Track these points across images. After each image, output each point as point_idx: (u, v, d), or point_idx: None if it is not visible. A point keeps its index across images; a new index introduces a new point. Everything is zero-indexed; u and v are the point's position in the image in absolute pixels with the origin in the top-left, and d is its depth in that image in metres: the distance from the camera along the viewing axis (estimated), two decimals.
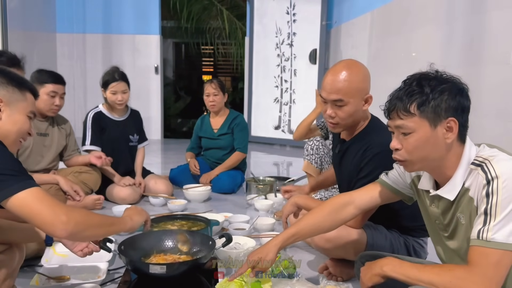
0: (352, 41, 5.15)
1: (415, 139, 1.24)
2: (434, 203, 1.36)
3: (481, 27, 2.84)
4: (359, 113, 1.85)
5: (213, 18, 7.85)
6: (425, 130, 1.23)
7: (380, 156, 1.75)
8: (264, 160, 5.35)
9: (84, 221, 1.33)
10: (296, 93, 6.01)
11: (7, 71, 1.47)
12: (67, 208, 1.30)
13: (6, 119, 1.41)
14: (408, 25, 3.79)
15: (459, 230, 1.30)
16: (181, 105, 9.36)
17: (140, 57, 6.62)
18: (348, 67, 1.81)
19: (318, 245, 1.92)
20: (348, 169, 1.89)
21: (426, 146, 1.24)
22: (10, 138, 1.42)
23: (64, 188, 2.58)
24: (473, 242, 1.17)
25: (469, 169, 1.24)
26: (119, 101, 3.20)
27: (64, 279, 1.84)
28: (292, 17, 5.92)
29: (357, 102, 1.80)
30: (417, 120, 1.23)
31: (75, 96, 6.52)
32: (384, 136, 1.74)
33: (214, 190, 3.48)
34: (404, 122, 1.24)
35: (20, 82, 1.46)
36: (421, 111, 1.22)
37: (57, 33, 6.49)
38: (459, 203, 1.27)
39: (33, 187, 1.27)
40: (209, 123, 3.76)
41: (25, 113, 1.46)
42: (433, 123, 1.22)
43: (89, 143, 3.20)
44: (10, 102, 1.42)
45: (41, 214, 1.24)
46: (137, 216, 1.65)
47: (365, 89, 1.82)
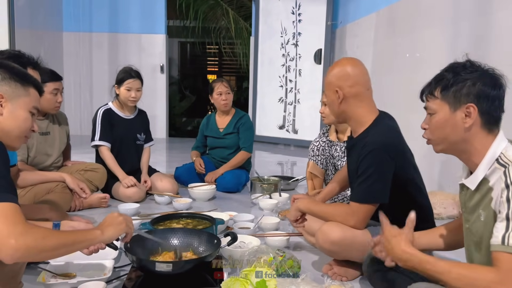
0: (357, 41, 5.15)
1: (436, 120, 1.36)
2: (463, 192, 1.41)
3: (487, 28, 2.83)
4: (334, 105, 1.92)
5: (219, 17, 7.86)
6: (445, 112, 1.33)
7: (373, 154, 1.77)
8: (269, 160, 5.36)
9: (37, 245, 1.22)
10: (300, 93, 6.02)
11: (10, 66, 1.46)
12: (23, 230, 1.20)
13: (7, 115, 1.40)
14: (414, 25, 3.78)
15: (477, 225, 1.32)
16: (186, 104, 9.38)
17: (146, 56, 6.64)
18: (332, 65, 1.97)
19: (323, 247, 1.92)
20: (354, 164, 1.90)
21: (445, 127, 1.34)
22: (13, 134, 1.42)
23: (71, 185, 2.59)
24: (499, 248, 1.18)
25: (494, 166, 1.27)
26: (132, 98, 3.26)
27: (70, 276, 1.85)
28: (297, 17, 5.92)
29: (329, 95, 1.92)
30: (439, 103, 1.34)
31: (81, 95, 6.56)
32: (382, 134, 1.81)
33: (219, 189, 3.49)
34: (429, 104, 1.38)
35: (23, 78, 1.45)
36: (443, 95, 1.33)
37: (64, 31, 6.54)
38: (483, 200, 1.29)
39: (7, 202, 1.22)
40: (215, 122, 3.78)
41: (28, 108, 1.44)
42: (453, 107, 1.32)
43: (98, 138, 3.23)
44: (12, 97, 1.41)
45: None
46: (111, 229, 1.50)
47: (335, 83, 1.88)
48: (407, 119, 2.65)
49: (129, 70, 3.28)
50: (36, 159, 2.83)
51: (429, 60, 3.45)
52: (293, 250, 2.28)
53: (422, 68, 3.53)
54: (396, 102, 3.88)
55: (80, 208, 2.96)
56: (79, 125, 6.28)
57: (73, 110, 6.37)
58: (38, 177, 2.55)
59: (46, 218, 2.17)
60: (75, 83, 6.53)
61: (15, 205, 1.24)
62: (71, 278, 1.84)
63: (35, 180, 2.54)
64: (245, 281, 1.60)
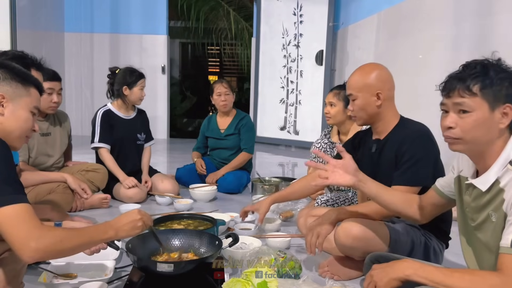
0: (359, 43, 5.15)
1: (473, 119, 1.27)
2: (468, 191, 1.39)
3: (489, 30, 2.83)
4: (371, 107, 1.96)
5: (220, 18, 7.87)
6: (484, 111, 1.27)
7: (420, 139, 1.87)
8: (270, 161, 5.35)
9: (56, 248, 1.27)
10: (302, 94, 6.02)
11: (11, 66, 1.46)
12: (41, 233, 1.25)
13: (9, 115, 1.40)
14: (416, 26, 3.78)
15: (488, 226, 1.31)
16: (187, 105, 9.39)
17: (147, 57, 6.65)
18: (362, 68, 2.02)
19: (344, 245, 1.87)
20: (389, 160, 1.94)
21: (482, 127, 1.28)
22: (14, 134, 1.41)
23: (72, 186, 2.60)
24: (506, 250, 1.18)
25: (506, 167, 1.26)
26: (143, 96, 3.34)
27: (71, 276, 1.85)
28: (299, 18, 5.92)
29: (365, 97, 1.94)
30: (478, 101, 1.26)
31: (83, 95, 6.57)
32: (419, 125, 1.94)
33: (220, 190, 3.49)
34: (465, 100, 1.27)
35: (24, 77, 1.45)
36: (483, 93, 1.26)
37: (65, 32, 6.54)
38: (493, 200, 1.28)
39: (23, 203, 1.25)
40: (216, 123, 3.78)
41: (29, 108, 1.44)
42: (492, 106, 1.26)
43: (98, 140, 3.23)
44: (13, 97, 1.40)
45: (13, 235, 1.22)
46: (125, 232, 1.50)
47: (375, 86, 1.94)
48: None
49: (136, 71, 3.32)
50: (37, 160, 2.84)
51: (431, 61, 3.45)
52: (294, 252, 2.28)
53: (424, 69, 3.53)
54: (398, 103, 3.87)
55: (81, 209, 2.96)
56: (80, 125, 6.28)
57: (74, 110, 6.37)
58: (39, 178, 2.55)
59: (47, 219, 2.18)
60: (76, 84, 6.54)
61: (28, 206, 1.27)
62: (72, 278, 1.84)
63: (37, 181, 2.54)
64: (246, 282, 1.60)
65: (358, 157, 2.10)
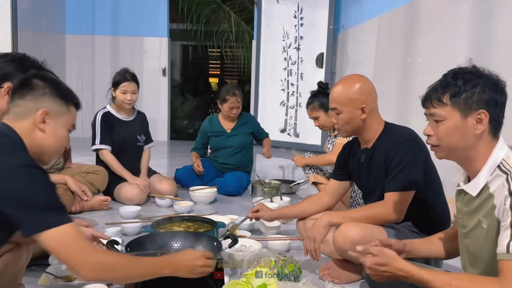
0: (359, 46, 5.16)
1: (445, 127, 1.32)
2: (460, 197, 1.40)
3: (489, 33, 2.84)
4: (356, 121, 1.95)
5: (221, 21, 7.88)
6: (455, 119, 1.30)
7: (406, 143, 1.87)
8: (270, 163, 5.35)
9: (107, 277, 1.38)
10: (302, 97, 6.01)
11: (55, 81, 1.46)
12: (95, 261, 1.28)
13: (49, 132, 1.39)
14: (416, 30, 3.79)
15: (478, 233, 1.31)
16: (188, 107, 9.39)
17: (148, 59, 6.66)
18: (345, 81, 2.00)
19: (342, 249, 1.87)
20: (379, 168, 1.94)
21: (455, 134, 1.31)
22: (49, 151, 1.41)
23: (72, 188, 2.60)
24: (504, 256, 1.18)
25: (495, 172, 1.27)
26: (128, 100, 3.25)
27: (72, 278, 1.86)
28: (299, 21, 5.93)
29: (350, 111, 1.93)
30: (449, 110, 1.31)
31: (84, 97, 6.55)
32: (404, 129, 1.95)
33: (220, 192, 3.50)
34: (437, 110, 1.33)
35: (67, 95, 1.45)
36: (453, 102, 1.30)
37: (67, 34, 6.55)
38: (482, 206, 1.29)
39: (69, 223, 1.26)
40: (219, 123, 3.79)
41: (68, 127, 1.45)
42: (464, 114, 1.29)
43: (99, 142, 3.23)
44: (55, 115, 1.40)
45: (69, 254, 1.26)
46: (181, 274, 1.49)
47: (359, 100, 1.92)
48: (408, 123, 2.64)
49: (124, 73, 3.27)
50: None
51: (431, 64, 3.45)
52: (294, 254, 2.27)
53: (424, 72, 3.54)
54: (397, 106, 3.89)
55: (82, 211, 2.96)
56: (81, 127, 6.26)
57: None
58: None
59: None
60: (78, 86, 6.54)
61: (74, 225, 1.29)
62: (72, 280, 1.84)
63: None
64: (245, 285, 1.60)
65: (350, 168, 2.11)
